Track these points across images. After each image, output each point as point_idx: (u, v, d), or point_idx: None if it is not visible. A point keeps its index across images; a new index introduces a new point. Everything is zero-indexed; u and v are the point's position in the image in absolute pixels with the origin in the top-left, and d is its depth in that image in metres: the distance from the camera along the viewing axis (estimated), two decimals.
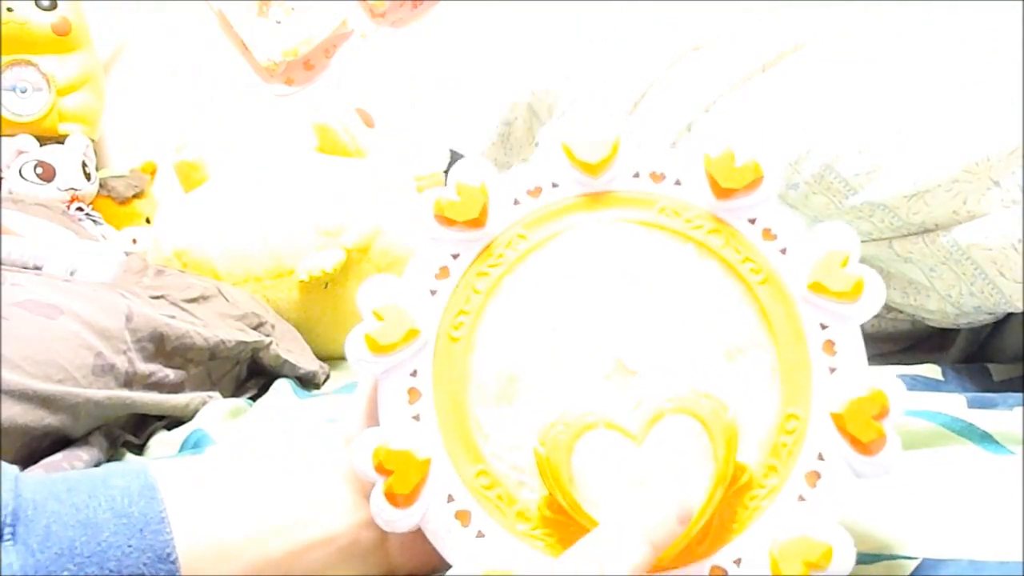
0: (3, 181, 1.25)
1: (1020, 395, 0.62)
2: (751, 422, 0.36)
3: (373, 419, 0.38)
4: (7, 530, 0.34)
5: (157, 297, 0.81)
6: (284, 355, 0.86)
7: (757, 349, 0.37)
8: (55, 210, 1.13)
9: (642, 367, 0.36)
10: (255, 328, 0.86)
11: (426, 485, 0.36)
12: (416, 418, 0.37)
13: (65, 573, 0.33)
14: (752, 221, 0.38)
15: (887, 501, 0.45)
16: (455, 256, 0.38)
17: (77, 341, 0.65)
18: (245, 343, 0.81)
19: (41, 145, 1.28)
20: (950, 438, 0.53)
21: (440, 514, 0.36)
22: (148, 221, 1.34)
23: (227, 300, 0.88)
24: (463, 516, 0.36)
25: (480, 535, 0.36)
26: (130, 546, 0.35)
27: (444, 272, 0.38)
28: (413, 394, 0.37)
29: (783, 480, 0.36)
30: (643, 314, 0.37)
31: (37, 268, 0.78)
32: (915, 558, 0.38)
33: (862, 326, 0.37)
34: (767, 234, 0.38)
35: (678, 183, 0.39)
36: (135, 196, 1.36)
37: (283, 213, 1.01)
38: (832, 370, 0.36)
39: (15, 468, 0.37)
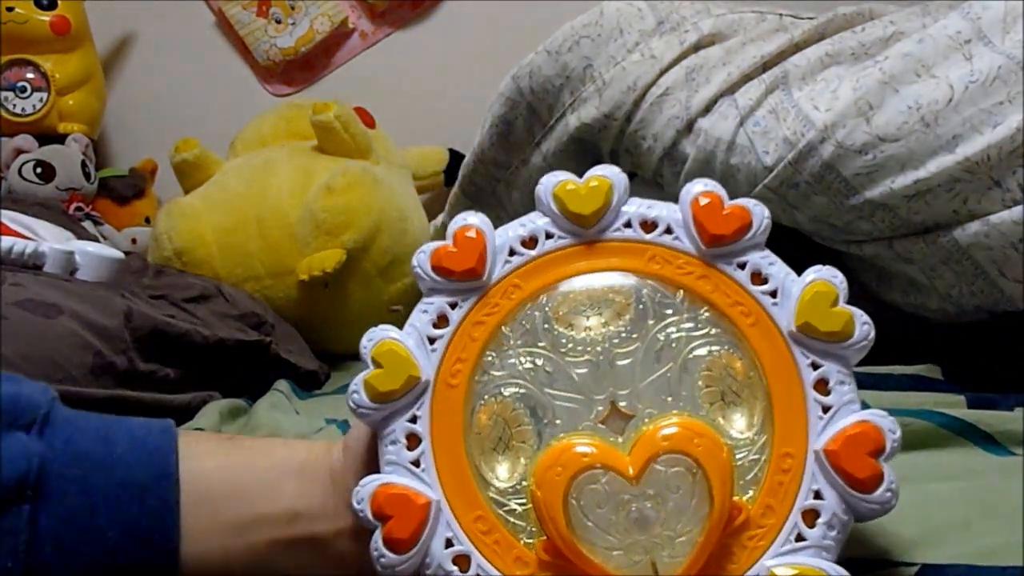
0: (3, 181, 1.25)
1: (1020, 395, 0.61)
2: (747, 462, 0.37)
3: (372, 455, 0.39)
4: (36, 428, 0.37)
5: (157, 297, 0.81)
6: (284, 355, 0.86)
7: (750, 390, 0.38)
8: (55, 210, 1.13)
9: (636, 409, 0.37)
10: (255, 328, 0.86)
11: (425, 530, 0.36)
12: (416, 463, 0.37)
13: (75, 472, 0.37)
14: (742, 266, 0.39)
15: None
16: (453, 305, 0.39)
17: (76, 340, 0.65)
18: (245, 343, 0.81)
19: (41, 144, 1.28)
20: (950, 438, 0.53)
21: (439, 559, 0.36)
22: (147, 221, 1.33)
23: (227, 300, 0.88)
24: (462, 561, 0.36)
25: None
26: (138, 461, 0.38)
27: (443, 321, 0.39)
28: (412, 440, 0.38)
29: (781, 519, 0.36)
30: (636, 358, 0.38)
31: (37, 267, 0.77)
32: (915, 564, 0.39)
33: None
34: (756, 278, 0.39)
35: (669, 231, 0.40)
36: (135, 196, 1.36)
37: (283, 212, 1.01)
38: (826, 409, 0.37)
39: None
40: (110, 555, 0.36)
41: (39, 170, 1.25)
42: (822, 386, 0.37)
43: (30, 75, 1.33)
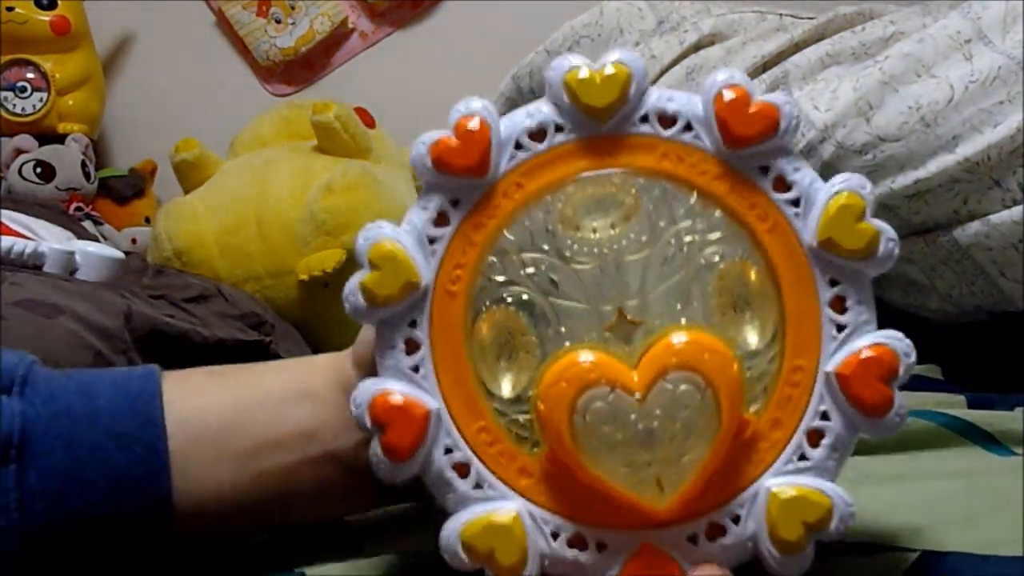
0: (2, 181, 1.25)
1: (1020, 395, 0.61)
2: (757, 372, 0.35)
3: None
4: (16, 388, 0.37)
5: (157, 297, 0.81)
6: (284, 355, 0.86)
7: (763, 299, 0.36)
8: (54, 210, 1.13)
9: (645, 317, 0.35)
10: (255, 328, 0.86)
11: (424, 438, 0.35)
12: (415, 369, 0.36)
13: (59, 427, 0.37)
14: (764, 169, 0.36)
15: (888, 499, 0.45)
16: (454, 203, 0.36)
17: (76, 340, 0.65)
18: (245, 343, 0.81)
19: (41, 144, 1.28)
20: (951, 438, 0.53)
21: (438, 466, 0.35)
22: (147, 221, 1.33)
23: (227, 300, 0.88)
24: (461, 468, 0.35)
25: (478, 486, 0.35)
26: (122, 410, 0.38)
27: (443, 219, 0.36)
28: (411, 345, 0.36)
29: (788, 433, 0.35)
30: (645, 263, 0.36)
31: (36, 267, 0.77)
32: (916, 550, 0.38)
33: None
34: (780, 184, 0.36)
35: (689, 127, 0.37)
36: (135, 196, 1.36)
37: (283, 212, 1.01)
38: (840, 328, 0.35)
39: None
40: (102, 506, 0.36)
41: (39, 170, 1.25)
42: (838, 304, 0.35)
43: (30, 75, 1.33)
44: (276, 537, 0.44)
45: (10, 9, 1.30)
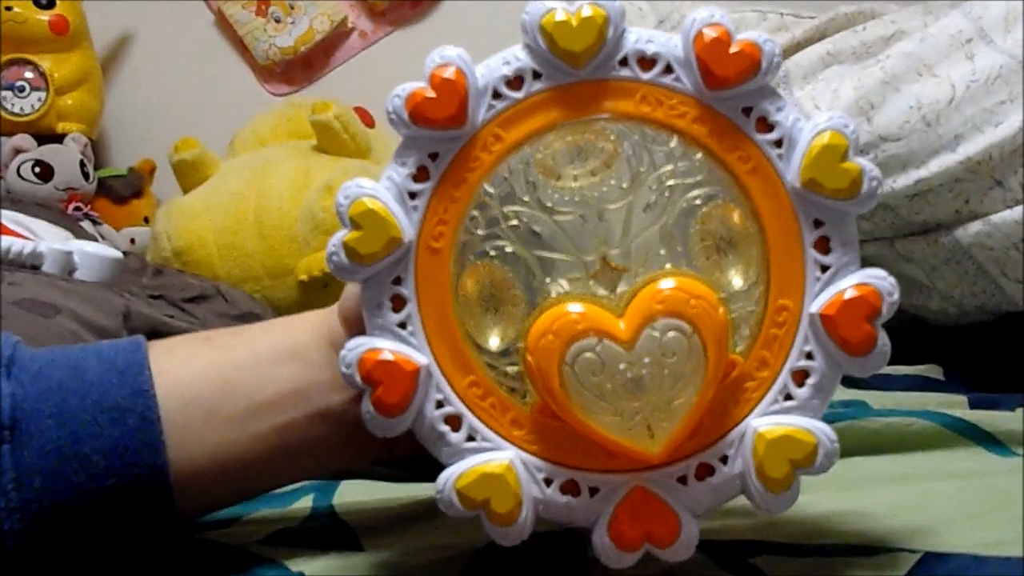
0: (1, 180, 1.25)
1: (1021, 395, 0.61)
2: (743, 312, 0.36)
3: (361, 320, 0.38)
4: (3, 369, 0.37)
5: (156, 297, 0.81)
6: None
7: (747, 241, 0.36)
8: (53, 209, 1.13)
9: (629, 263, 0.35)
10: None
11: (415, 395, 0.35)
12: (402, 326, 0.36)
13: (50, 405, 0.37)
14: (747, 111, 0.36)
15: (889, 499, 0.45)
16: (433, 156, 0.36)
17: (74, 340, 0.65)
18: None
19: (39, 144, 1.28)
20: (952, 439, 0.53)
21: (430, 420, 0.35)
22: (146, 221, 1.33)
23: (226, 300, 0.88)
24: (453, 421, 0.35)
25: (471, 438, 0.35)
26: (112, 383, 0.38)
27: (423, 174, 0.36)
28: (398, 301, 0.36)
29: (773, 373, 0.35)
30: (627, 210, 0.36)
31: (35, 267, 0.77)
32: (917, 551, 0.38)
33: None
34: (762, 125, 0.36)
35: (669, 69, 0.36)
36: (134, 196, 1.36)
37: (283, 212, 1.01)
38: (824, 268, 0.35)
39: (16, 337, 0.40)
40: (100, 479, 0.36)
41: (37, 170, 1.25)
42: (822, 244, 0.35)
43: (28, 74, 1.33)
44: (275, 535, 0.44)
45: (9, 8, 1.30)
